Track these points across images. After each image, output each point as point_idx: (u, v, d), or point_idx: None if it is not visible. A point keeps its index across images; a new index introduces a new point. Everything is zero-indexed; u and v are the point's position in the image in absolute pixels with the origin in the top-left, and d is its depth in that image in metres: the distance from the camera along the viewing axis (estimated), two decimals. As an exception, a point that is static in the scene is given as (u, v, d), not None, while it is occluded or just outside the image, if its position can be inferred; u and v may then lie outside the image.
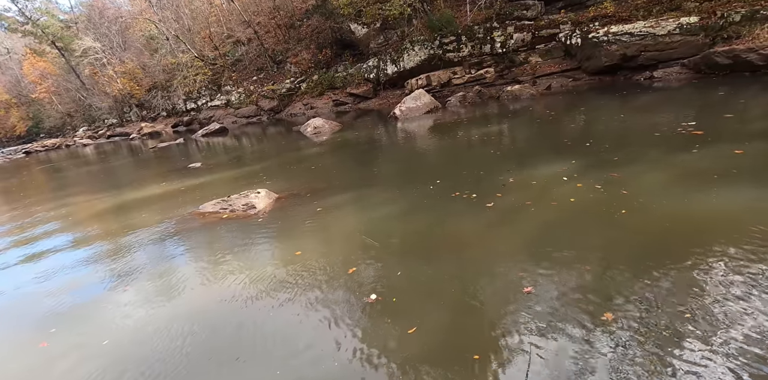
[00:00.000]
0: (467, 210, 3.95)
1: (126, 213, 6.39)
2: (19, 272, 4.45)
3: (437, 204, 4.29)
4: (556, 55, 14.72)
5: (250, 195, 5.31)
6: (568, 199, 3.77)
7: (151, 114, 30.48)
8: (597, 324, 2.19)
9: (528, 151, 6.11)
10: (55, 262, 4.54)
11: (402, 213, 4.24)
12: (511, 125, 8.53)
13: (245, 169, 8.75)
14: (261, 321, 2.73)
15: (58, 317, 3.23)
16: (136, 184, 9.21)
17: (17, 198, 9.81)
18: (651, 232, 3.01)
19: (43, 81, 37.92)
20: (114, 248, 4.64)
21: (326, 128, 11.76)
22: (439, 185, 4.86)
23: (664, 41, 11.63)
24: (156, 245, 4.50)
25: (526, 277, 2.69)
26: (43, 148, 28.58)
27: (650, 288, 2.41)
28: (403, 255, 3.31)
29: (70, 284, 3.85)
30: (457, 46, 16.13)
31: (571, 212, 3.55)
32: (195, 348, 2.54)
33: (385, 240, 3.61)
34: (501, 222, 3.59)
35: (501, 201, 3.98)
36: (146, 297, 3.34)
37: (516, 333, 2.21)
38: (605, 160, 4.78)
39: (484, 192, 4.29)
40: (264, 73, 24.10)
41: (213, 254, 3.97)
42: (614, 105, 8.55)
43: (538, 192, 4.05)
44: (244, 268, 3.51)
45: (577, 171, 4.52)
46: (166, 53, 28.08)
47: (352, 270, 3.15)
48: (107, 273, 3.92)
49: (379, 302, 2.70)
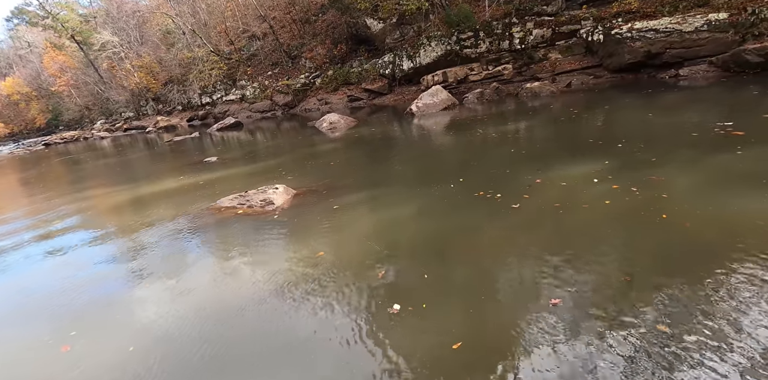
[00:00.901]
0: (492, 211, 3.81)
1: (143, 207, 6.40)
2: (39, 267, 4.46)
3: (460, 204, 4.16)
4: (577, 52, 14.38)
5: (267, 191, 5.26)
6: (601, 202, 3.60)
7: (167, 108, 30.77)
8: (648, 344, 2.00)
9: (554, 151, 5.86)
10: (73, 258, 4.53)
11: (424, 212, 4.12)
12: (533, 123, 8.31)
13: (261, 163, 8.73)
14: (290, 330, 2.55)
15: (78, 318, 3.14)
16: (153, 178, 9.26)
17: (37, 191, 9.95)
18: (697, 240, 2.81)
19: (62, 74, 38.56)
20: (132, 246, 4.61)
21: (342, 124, 11.68)
22: (461, 184, 4.73)
23: (691, 38, 11.25)
24: (174, 242, 4.46)
25: (560, 286, 2.53)
26: (62, 140, 29.09)
27: (705, 302, 2.19)
28: (427, 258, 3.19)
29: (89, 282, 3.82)
30: (475, 42, 15.87)
31: (606, 216, 3.37)
32: (213, 359, 2.41)
33: (408, 241, 3.50)
34: (529, 225, 3.43)
35: (528, 202, 3.82)
36: (166, 299, 3.26)
37: (552, 354, 2.05)
38: (641, 161, 4.55)
39: (509, 192, 4.14)
40: (279, 68, 24.09)
41: (234, 253, 3.88)
42: (640, 103, 8.28)
43: (567, 194, 3.87)
44: (267, 271, 3.39)
45: (611, 172, 4.31)
46: (182, 47, 28.26)
47: (381, 275, 3.01)
48: (125, 273, 3.85)
49: (411, 312, 2.54)
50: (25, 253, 4.97)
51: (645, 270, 2.57)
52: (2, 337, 3.05)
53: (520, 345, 2.11)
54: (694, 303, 2.21)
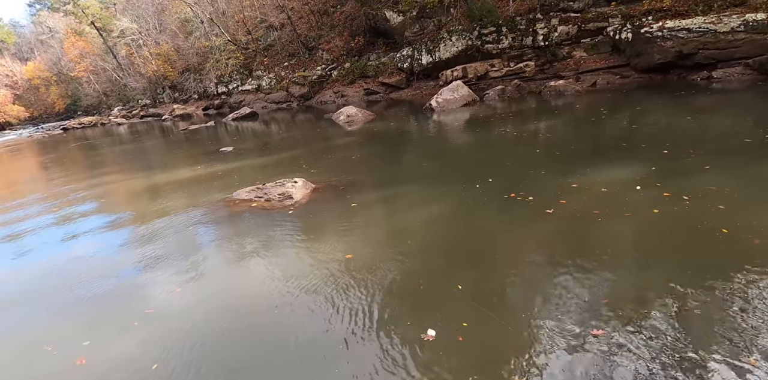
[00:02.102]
0: (524, 215, 3.59)
1: (158, 197, 6.34)
2: (51, 258, 4.40)
3: (489, 206, 3.96)
4: (603, 50, 13.95)
5: (286, 185, 5.13)
6: (647, 211, 3.34)
7: (183, 96, 30.88)
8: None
9: (589, 153, 5.51)
10: (85, 248, 4.46)
11: (451, 214, 3.91)
12: (562, 123, 8.01)
13: (278, 155, 8.61)
14: (316, 344, 2.33)
15: (91, 324, 2.91)
16: (169, 166, 9.22)
17: (55, 176, 10.00)
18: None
19: (81, 60, 38.93)
20: (146, 237, 4.52)
21: (359, 117, 11.51)
22: (488, 184, 4.53)
23: (726, 39, 10.79)
24: (188, 236, 4.34)
25: (601, 316, 2.23)
26: (80, 126, 29.42)
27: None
28: (458, 267, 2.97)
29: (102, 275, 3.74)
30: (497, 38, 15.50)
31: (654, 226, 3.11)
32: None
33: (436, 246, 3.29)
34: (565, 232, 3.20)
35: (563, 208, 3.59)
36: (167, 303, 3.05)
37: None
38: (692, 168, 4.22)
39: (542, 195, 3.91)
40: (295, 59, 23.93)
41: (251, 253, 3.70)
42: (674, 105, 7.93)
43: (607, 200, 3.62)
44: (292, 274, 3.16)
45: (659, 179, 4.00)
46: (200, 36, 28.25)
47: (411, 286, 2.73)
48: (140, 266, 3.73)
49: (447, 337, 2.23)
50: (40, 237, 4.94)
51: (716, 300, 2.22)
52: (13, 322, 2.98)
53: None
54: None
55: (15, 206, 6.78)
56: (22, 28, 63.17)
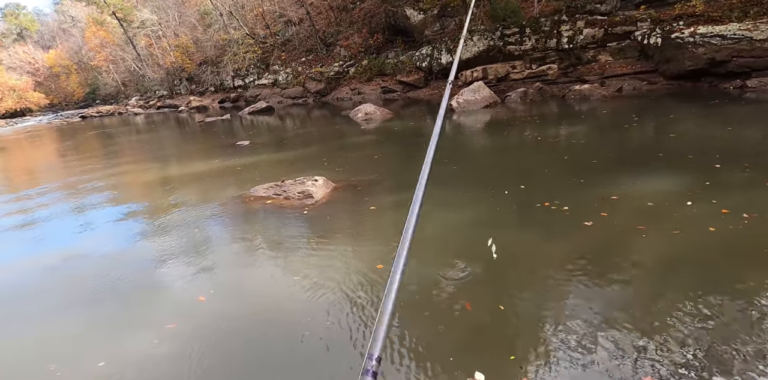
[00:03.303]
0: (560, 227, 3.36)
1: (173, 191, 6.25)
2: (57, 253, 4.32)
3: (520, 214, 3.75)
4: (630, 55, 13.56)
5: (306, 183, 4.98)
6: (701, 229, 3.07)
7: (200, 88, 31.01)
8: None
9: (629, 162, 5.09)
10: (93, 244, 4.34)
11: (479, 223, 3.68)
12: (591, 128, 7.70)
13: (295, 152, 8.48)
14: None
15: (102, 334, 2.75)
16: (185, 158, 9.16)
17: (72, 164, 10.02)
18: None
19: (101, 49, 39.36)
20: (159, 233, 4.36)
21: (377, 115, 11.33)
22: (519, 191, 4.31)
23: (763, 47, 10.37)
24: (204, 232, 4.19)
25: (652, 359, 1.97)
26: (98, 114, 29.75)
27: None
28: (496, 284, 2.73)
29: (105, 266, 3.64)
30: (520, 39, 15.19)
31: (710, 246, 2.83)
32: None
33: (471, 258, 3.01)
34: (607, 249, 2.95)
35: (604, 221, 3.33)
36: (175, 306, 2.90)
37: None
38: (752, 184, 3.84)
39: (579, 206, 3.67)
40: (313, 55, 23.82)
41: (276, 256, 3.48)
42: (708, 115, 7.59)
43: (653, 215, 3.36)
44: (318, 283, 2.91)
45: (715, 194, 3.65)
46: (218, 29, 28.31)
47: (449, 308, 2.47)
48: (149, 267, 3.57)
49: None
50: (52, 228, 4.88)
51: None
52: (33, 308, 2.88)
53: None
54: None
55: (31, 195, 6.75)
56: (46, 16, 64.24)
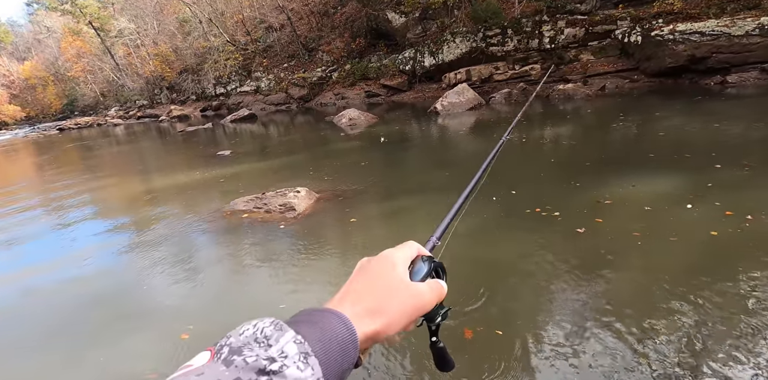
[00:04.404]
0: (551, 234, 3.19)
1: (150, 206, 5.94)
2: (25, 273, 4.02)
3: (509, 222, 3.57)
4: (611, 54, 13.65)
5: (288, 194, 4.75)
6: (702, 234, 2.90)
7: (181, 97, 30.49)
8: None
9: (623, 164, 4.89)
10: (64, 265, 4.08)
11: (473, 232, 3.44)
12: (580, 129, 7.60)
13: (278, 160, 8.22)
14: None
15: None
16: (164, 171, 8.84)
17: (48, 179, 9.60)
18: None
19: (78, 60, 38.53)
20: (133, 254, 4.13)
21: (362, 120, 11.15)
22: (508, 197, 4.14)
23: (741, 42, 10.49)
24: (181, 256, 3.88)
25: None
26: (76, 126, 28.99)
27: None
28: (474, 299, 2.55)
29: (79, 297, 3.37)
30: (502, 40, 15.19)
31: (706, 253, 2.69)
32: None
33: (453, 276, 2.89)
34: (601, 258, 2.76)
35: (596, 227, 3.18)
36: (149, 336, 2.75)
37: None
38: (755, 186, 3.66)
39: (570, 211, 3.51)
40: (295, 61, 23.58)
41: (257, 278, 3.26)
42: (694, 111, 7.56)
43: (649, 220, 3.20)
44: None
45: (716, 197, 3.44)
46: (198, 36, 27.91)
47: (469, 335, 2.27)
48: (125, 299, 3.34)
49: None
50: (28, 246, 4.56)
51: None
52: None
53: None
54: None
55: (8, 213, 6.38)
56: (20, 27, 62.85)
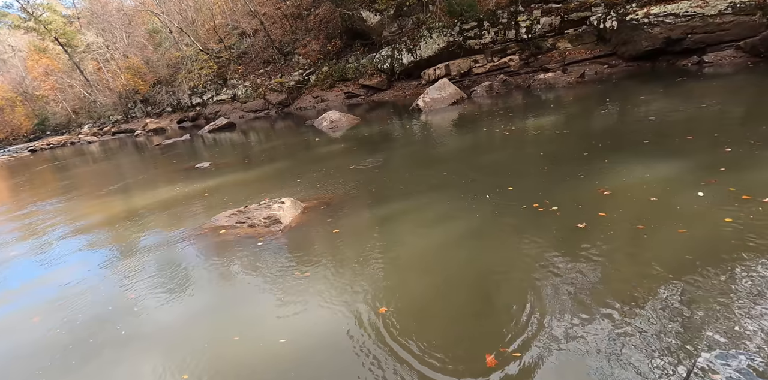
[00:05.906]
0: (551, 231, 2.99)
1: (124, 225, 5.59)
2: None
3: (505, 221, 3.35)
4: (588, 40, 13.64)
5: (272, 206, 4.47)
6: (715, 221, 2.70)
7: (156, 110, 29.72)
8: None
9: (618, 151, 4.67)
10: (44, 292, 3.75)
11: (468, 234, 3.26)
12: (568, 117, 7.43)
13: (261, 169, 7.91)
14: None
15: None
16: (140, 187, 8.43)
17: (21, 204, 9.10)
18: None
19: (47, 78, 37.31)
20: (107, 279, 3.83)
21: (343, 122, 10.87)
22: (502, 194, 3.93)
23: (715, 22, 10.53)
24: (157, 281, 3.60)
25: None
26: (48, 146, 27.99)
27: None
28: (470, 316, 2.33)
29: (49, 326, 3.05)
30: (479, 33, 15.08)
31: (722, 246, 2.46)
32: None
33: (451, 287, 2.69)
34: (606, 256, 2.56)
35: (598, 221, 2.98)
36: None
37: None
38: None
39: (569, 205, 3.31)
40: (271, 66, 23.15)
41: (244, 306, 2.96)
42: (678, 93, 7.49)
43: (653, 210, 3.00)
44: (295, 346, 2.35)
45: (733, 182, 3.24)
46: (169, 47, 27.24)
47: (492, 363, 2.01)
48: (100, 325, 3.07)
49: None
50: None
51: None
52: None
53: None
54: None
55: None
56: (-18, 47, 60.58)
